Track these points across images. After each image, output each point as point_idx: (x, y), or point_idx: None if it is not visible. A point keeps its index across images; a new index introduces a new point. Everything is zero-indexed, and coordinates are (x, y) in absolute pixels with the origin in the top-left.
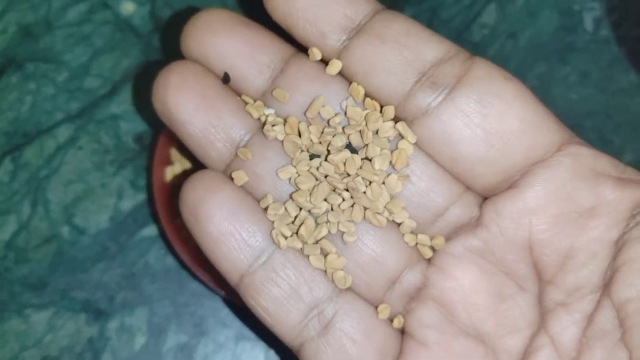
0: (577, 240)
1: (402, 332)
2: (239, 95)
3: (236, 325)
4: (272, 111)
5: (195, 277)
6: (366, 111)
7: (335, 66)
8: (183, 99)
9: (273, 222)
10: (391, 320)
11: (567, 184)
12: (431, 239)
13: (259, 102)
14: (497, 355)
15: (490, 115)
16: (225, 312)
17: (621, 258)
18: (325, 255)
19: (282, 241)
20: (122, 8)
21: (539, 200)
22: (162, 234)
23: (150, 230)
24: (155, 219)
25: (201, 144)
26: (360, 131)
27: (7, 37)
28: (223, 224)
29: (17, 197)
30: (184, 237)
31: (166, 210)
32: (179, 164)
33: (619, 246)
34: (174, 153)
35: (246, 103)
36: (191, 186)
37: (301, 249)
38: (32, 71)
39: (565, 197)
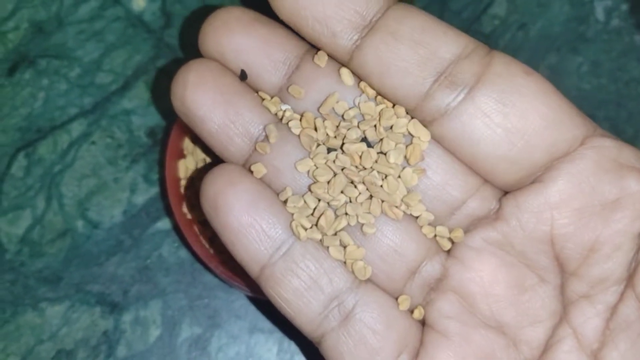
0: (601, 233)
1: (423, 323)
2: (256, 91)
3: (250, 317)
4: (288, 107)
5: (208, 269)
6: (380, 106)
7: (348, 76)
8: (201, 95)
9: (292, 214)
10: (412, 311)
11: (591, 177)
12: (450, 231)
13: (275, 98)
14: (518, 346)
15: (511, 114)
16: (239, 304)
17: None
18: (345, 247)
19: (302, 232)
20: (133, 4)
21: (562, 195)
22: (175, 228)
23: (164, 223)
24: (168, 213)
25: (220, 139)
26: (374, 126)
27: (19, 34)
28: (243, 215)
29: (32, 192)
30: (196, 231)
31: (179, 203)
32: (191, 158)
33: None
34: (187, 147)
35: (263, 99)
36: (211, 179)
37: (320, 240)
38: (45, 67)
39: (589, 190)
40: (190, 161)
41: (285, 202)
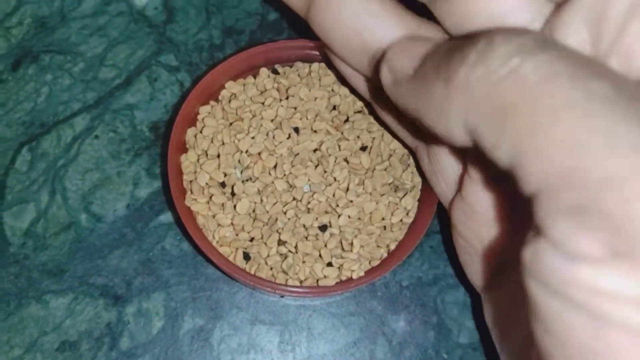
0: None
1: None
2: None
3: (251, 308)
4: None
5: (210, 262)
6: None
7: None
8: None
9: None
10: None
11: None
12: None
13: None
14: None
15: None
16: (240, 296)
17: None
18: None
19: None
20: None
21: None
22: (177, 221)
23: (166, 217)
24: (171, 206)
25: None
26: None
27: (22, 29)
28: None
29: (35, 186)
30: (198, 224)
31: (181, 197)
32: (193, 152)
33: None
34: (189, 140)
35: None
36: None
37: None
38: (48, 62)
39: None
40: (192, 155)
41: None
